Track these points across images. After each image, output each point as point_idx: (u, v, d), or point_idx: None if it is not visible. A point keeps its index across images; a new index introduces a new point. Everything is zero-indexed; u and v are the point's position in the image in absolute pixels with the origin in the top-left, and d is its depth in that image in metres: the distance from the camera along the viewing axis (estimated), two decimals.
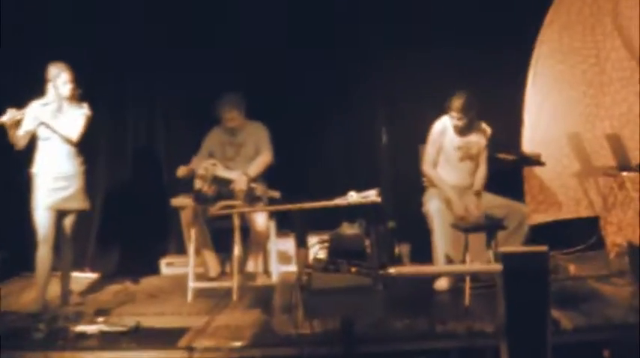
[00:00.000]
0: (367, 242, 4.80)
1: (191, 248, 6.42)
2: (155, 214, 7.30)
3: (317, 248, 4.88)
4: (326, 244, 4.80)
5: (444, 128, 6.27)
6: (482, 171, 6.36)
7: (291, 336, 4.94)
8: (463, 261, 5.86)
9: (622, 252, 6.53)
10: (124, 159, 7.52)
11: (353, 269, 3.99)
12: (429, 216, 6.14)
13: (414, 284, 6.18)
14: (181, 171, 6.42)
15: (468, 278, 5.73)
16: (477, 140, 6.32)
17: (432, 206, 6.12)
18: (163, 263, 7.31)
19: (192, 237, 6.42)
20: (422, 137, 6.40)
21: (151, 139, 7.55)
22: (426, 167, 6.31)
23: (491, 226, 5.89)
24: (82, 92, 5.98)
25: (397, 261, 6.88)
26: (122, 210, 7.42)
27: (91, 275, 7.20)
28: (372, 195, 5.22)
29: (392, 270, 2.98)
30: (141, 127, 7.54)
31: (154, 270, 7.27)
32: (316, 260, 4.65)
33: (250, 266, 6.78)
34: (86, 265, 7.31)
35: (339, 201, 5.14)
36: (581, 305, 5.41)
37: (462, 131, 6.22)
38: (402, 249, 6.98)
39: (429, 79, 6.81)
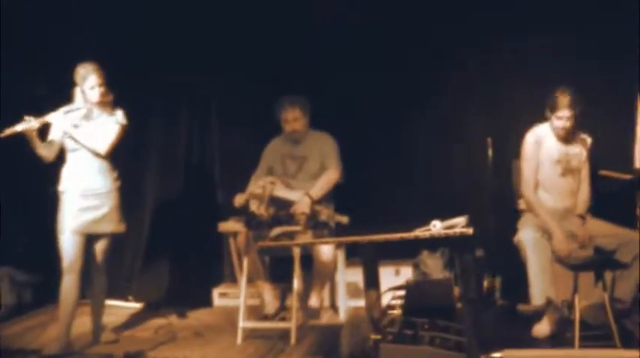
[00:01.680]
0: (456, 290, 3.72)
1: (243, 280, 5.54)
2: (209, 236, 6.44)
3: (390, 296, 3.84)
4: (400, 294, 3.74)
5: (538, 139, 5.32)
6: (584, 189, 5.40)
7: None
8: (571, 304, 4.92)
9: None
10: (175, 173, 6.90)
11: (437, 341, 2.96)
12: (521, 246, 5.17)
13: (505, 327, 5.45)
14: (239, 199, 5.62)
15: (577, 324, 4.80)
16: (578, 151, 5.38)
17: (526, 235, 5.15)
18: (216, 293, 6.54)
19: (244, 267, 5.55)
20: (513, 151, 5.50)
21: (205, 152, 6.90)
22: (526, 190, 5.33)
23: (604, 263, 4.92)
24: (115, 97, 5.19)
25: (485, 295, 5.95)
26: (172, 231, 6.77)
27: (134, 305, 6.55)
28: (460, 225, 4.18)
29: (498, 355, 1.99)
30: (194, 139, 6.91)
31: (206, 301, 6.52)
32: (387, 320, 3.58)
33: (314, 301, 5.85)
34: (130, 293, 6.66)
35: (419, 233, 4.11)
36: None
37: (565, 137, 5.23)
38: (493, 283, 6.02)
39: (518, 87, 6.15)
